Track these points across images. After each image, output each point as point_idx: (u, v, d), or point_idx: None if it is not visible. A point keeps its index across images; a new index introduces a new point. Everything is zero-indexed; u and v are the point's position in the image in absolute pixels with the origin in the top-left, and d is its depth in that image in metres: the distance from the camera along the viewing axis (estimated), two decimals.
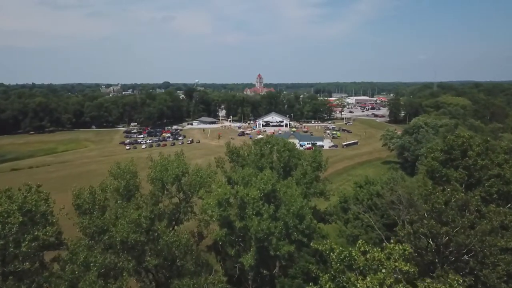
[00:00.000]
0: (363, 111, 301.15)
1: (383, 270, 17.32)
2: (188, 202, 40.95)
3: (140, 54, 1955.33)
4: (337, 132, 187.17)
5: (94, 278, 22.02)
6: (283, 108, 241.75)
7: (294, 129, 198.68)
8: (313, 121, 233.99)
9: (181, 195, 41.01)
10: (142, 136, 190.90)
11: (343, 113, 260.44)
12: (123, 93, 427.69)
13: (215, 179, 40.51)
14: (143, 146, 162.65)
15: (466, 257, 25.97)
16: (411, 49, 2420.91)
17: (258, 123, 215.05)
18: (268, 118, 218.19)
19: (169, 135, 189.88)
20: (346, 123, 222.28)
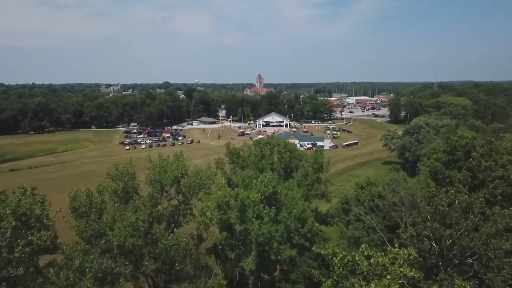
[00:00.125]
0: (363, 111, 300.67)
1: (388, 276, 16.83)
2: (187, 204, 40.31)
3: (140, 54, 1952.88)
4: (338, 132, 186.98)
5: (89, 284, 21.50)
6: (283, 108, 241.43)
7: (294, 129, 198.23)
8: (313, 121, 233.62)
9: (180, 197, 40.36)
10: (142, 136, 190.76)
11: (343, 113, 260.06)
12: (123, 93, 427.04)
13: (215, 181, 39.92)
14: (143, 146, 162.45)
15: (470, 260, 25.47)
16: (411, 49, 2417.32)
17: (258, 123, 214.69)
18: (268, 118, 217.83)
19: (169, 135, 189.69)
20: (346, 123, 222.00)
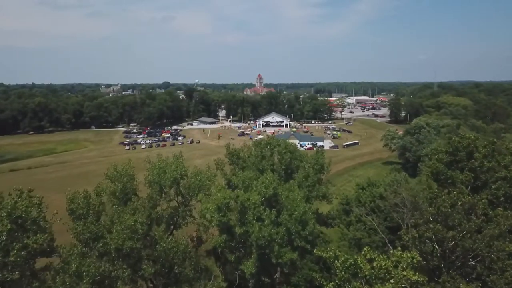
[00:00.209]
0: (363, 111, 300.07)
1: (391, 280, 16.51)
2: (186, 206, 39.95)
3: (140, 54, 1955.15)
4: (338, 132, 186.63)
5: None
6: (283, 108, 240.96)
7: (294, 129, 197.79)
8: (313, 121, 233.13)
9: (179, 198, 40.02)
10: (141, 136, 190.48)
11: (343, 113, 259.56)
12: (123, 93, 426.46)
13: (215, 182, 39.57)
14: (143, 147, 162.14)
15: (473, 262, 25.21)
16: (411, 49, 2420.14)
17: (258, 123, 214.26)
18: (268, 118, 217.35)
19: (169, 135, 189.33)
20: (346, 123, 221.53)
